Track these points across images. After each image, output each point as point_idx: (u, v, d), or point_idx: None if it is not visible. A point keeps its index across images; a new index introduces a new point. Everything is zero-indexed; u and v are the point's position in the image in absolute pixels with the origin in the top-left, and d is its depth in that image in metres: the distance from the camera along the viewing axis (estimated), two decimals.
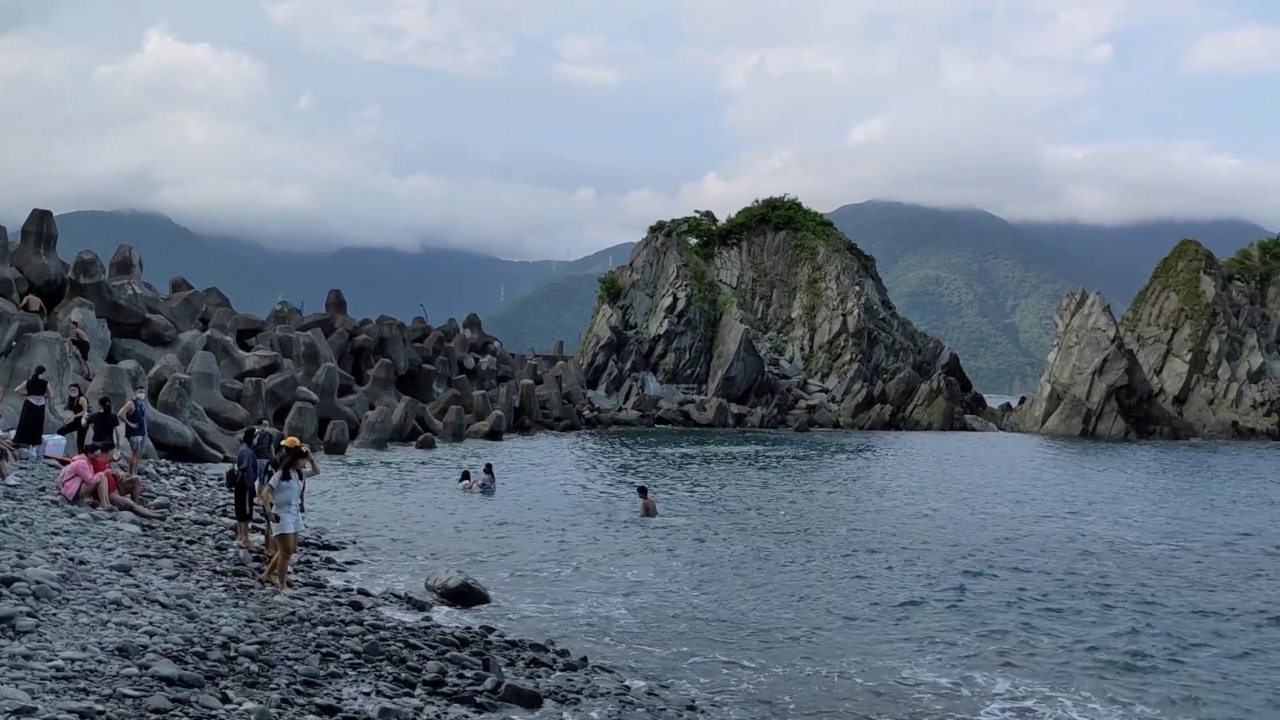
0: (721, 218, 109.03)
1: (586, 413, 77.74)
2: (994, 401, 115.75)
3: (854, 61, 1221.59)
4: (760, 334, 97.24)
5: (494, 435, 58.50)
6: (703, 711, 12.70)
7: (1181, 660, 15.80)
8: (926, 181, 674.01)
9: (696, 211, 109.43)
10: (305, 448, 17.62)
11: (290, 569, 17.17)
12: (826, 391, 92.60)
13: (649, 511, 28.83)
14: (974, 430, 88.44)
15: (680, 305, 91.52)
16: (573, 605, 18.25)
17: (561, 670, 13.74)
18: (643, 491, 30.05)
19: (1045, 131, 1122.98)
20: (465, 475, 34.37)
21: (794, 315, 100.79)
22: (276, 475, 16.67)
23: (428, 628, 15.23)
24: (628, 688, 13.25)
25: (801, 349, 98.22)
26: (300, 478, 16.91)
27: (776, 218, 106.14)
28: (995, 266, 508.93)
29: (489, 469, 34.38)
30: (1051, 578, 21.80)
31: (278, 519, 16.45)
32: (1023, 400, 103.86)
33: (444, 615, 16.80)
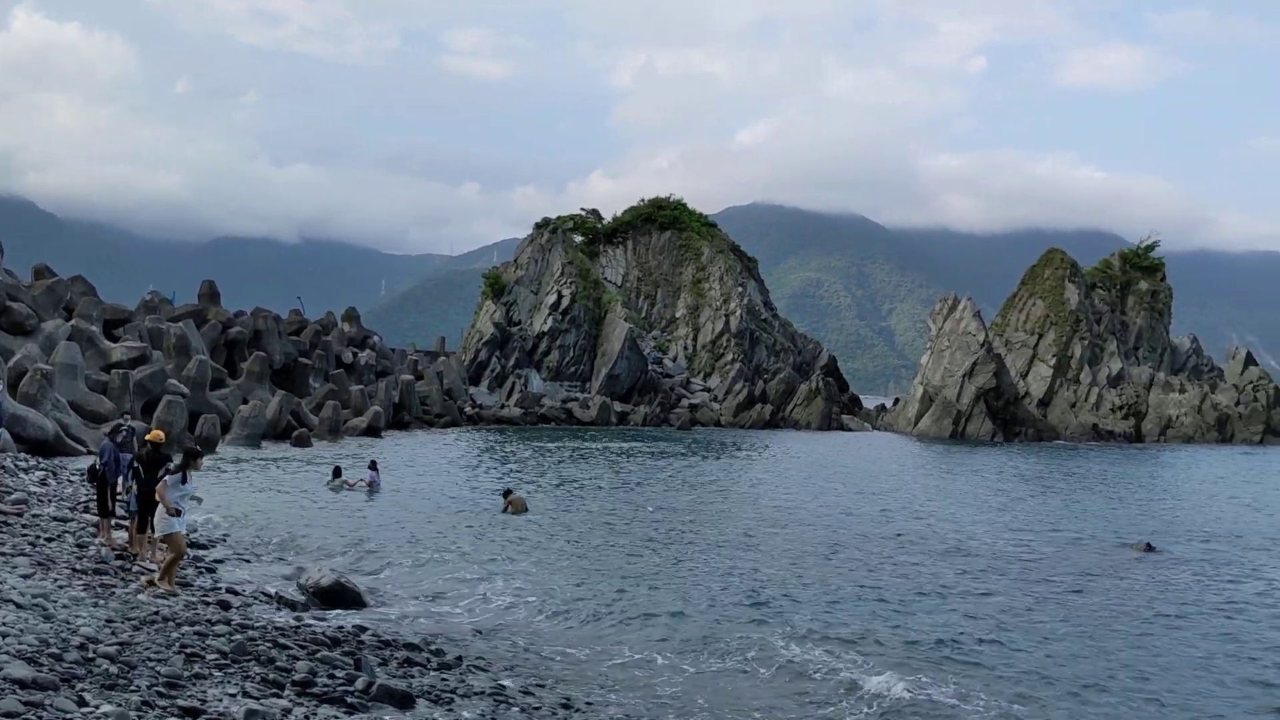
0: (607, 216, 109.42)
1: (468, 410, 77.11)
2: (870, 402, 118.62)
3: (741, 65, 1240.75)
4: (644, 333, 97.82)
5: (372, 431, 57.61)
6: (578, 710, 12.76)
7: (1008, 647, 16.48)
8: (808, 185, 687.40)
9: (582, 209, 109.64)
10: (198, 448, 17.60)
11: (157, 568, 16.77)
12: (709, 391, 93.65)
13: (517, 509, 29.00)
14: (850, 430, 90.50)
15: (565, 303, 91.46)
16: (448, 604, 18.14)
17: (436, 670, 13.65)
18: (507, 493, 30.15)
19: (922, 140, 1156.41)
20: (337, 472, 33.76)
21: (678, 315, 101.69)
22: (176, 476, 16.41)
23: (298, 627, 14.95)
24: (503, 686, 13.22)
25: (685, 348, 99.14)
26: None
27: (662, 217, 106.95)
28: (873, 270, 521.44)
29: (374, 465, 33.90)
30: (895, 572, 22.52)
31: (179, 513, 16.21)
32: (897, 401, 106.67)
33: (316, 615, 16.52)
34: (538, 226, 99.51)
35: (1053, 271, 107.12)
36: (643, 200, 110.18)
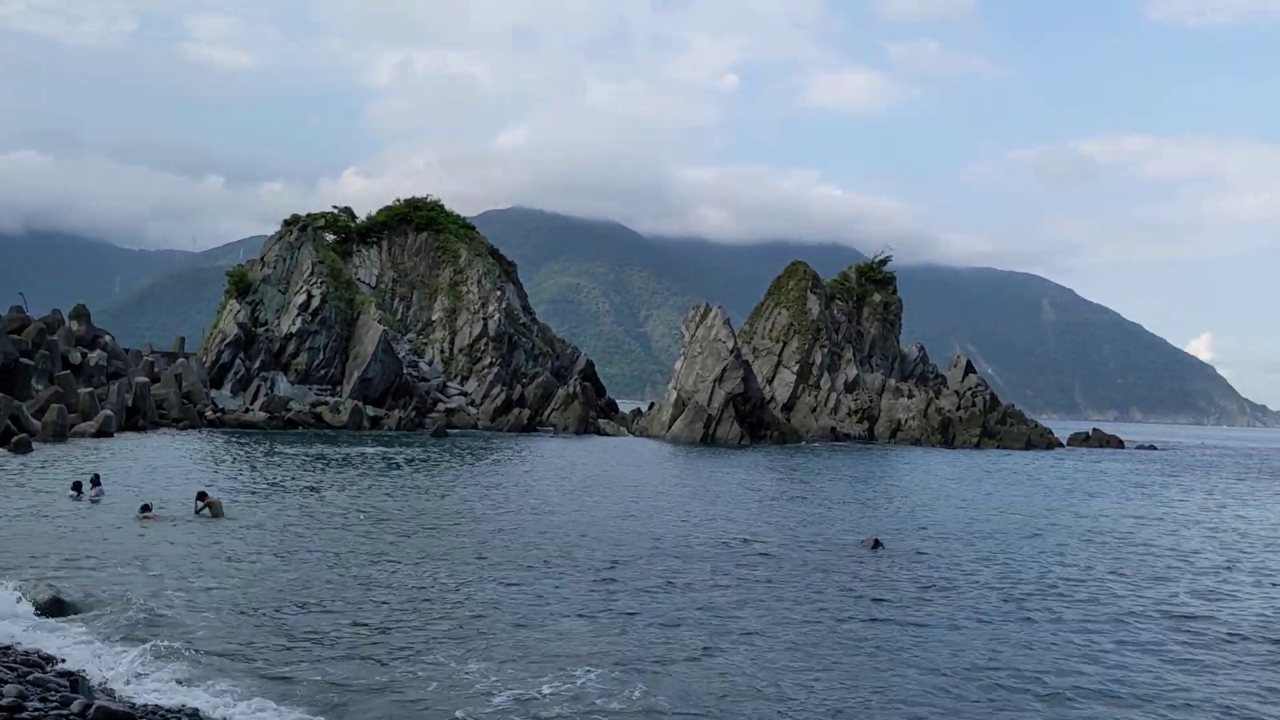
0: (361, 215, 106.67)
1: (209, 413, 73.35)
2: (627, 407, 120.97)
3: (500, 69, 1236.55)
4: (399, 335, 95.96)
5: (104, 434, 54.04)
6: None
7: (732, 641, 17.33)
8: (568, 192, 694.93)
9: (335, 207, 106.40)
10: None
11: None
12: (466, 395, 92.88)
13: (215, 511, 28.60)
14: (607, 434, 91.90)
15: (315, 303, 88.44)
16: (165, 616, 17.22)
17: (154, 687, 12.97)
18: (202, 495, 29.35)
19: (677, 152, 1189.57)
20: (76, 486, 31.58)
21: (434, 318, 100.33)
22: None
23: (8, 648, 13.85)
24: (222, 702, 12.73)
25: (442, 351, 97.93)
26: None
27: (418, 218, 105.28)
28: (630, 277, 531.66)
29: (96, 479, 31.90)
30: (631, 572, 23.21)
31: None
32: (652, 406, 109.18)
33: (28, 633, 15.33)
34: (287, 223, 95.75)
35: (796, 283, 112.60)
36: (398, 200, 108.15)
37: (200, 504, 28.92)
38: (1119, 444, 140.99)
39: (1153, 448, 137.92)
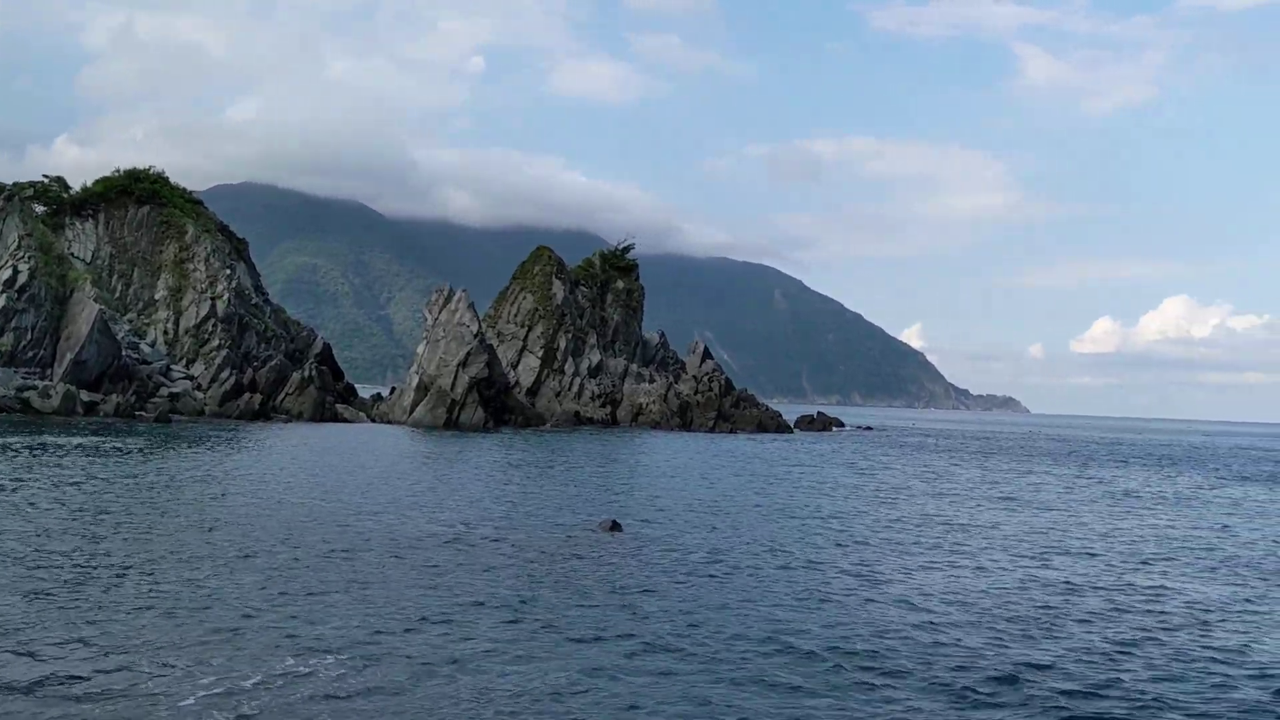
0: (75, 185, 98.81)
1: None
2: (368, 392, 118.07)
3: (233, 38, 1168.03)
4: (118, 315, 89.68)
5: None
6: None
7: (458, 629, 17.50)
8: (305, 169, 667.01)
9: (45, 176, 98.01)
10: None
11: None
12: (192, 379, 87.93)
13: None
14: (345, 420, 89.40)
15: (22, 279, 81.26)
16: None
17: None
18: None
19: (422, 133, 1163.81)
20: None
21: (158, 297, 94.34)
22: None
23: None
24: None
25: (165, 333, 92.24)
26: None
27: (140, 190, 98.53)
28: (372, 259, 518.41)
29: None
30: (327, 559, 22.95)
31: None
32: (393, 391, 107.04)
33: None
34: None
35: (541, 268, 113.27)
36: (118, 171, 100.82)
37: None
38: (840, 425, 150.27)
39: (869, 429, 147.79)
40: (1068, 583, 24.09)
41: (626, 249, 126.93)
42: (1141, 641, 18.44)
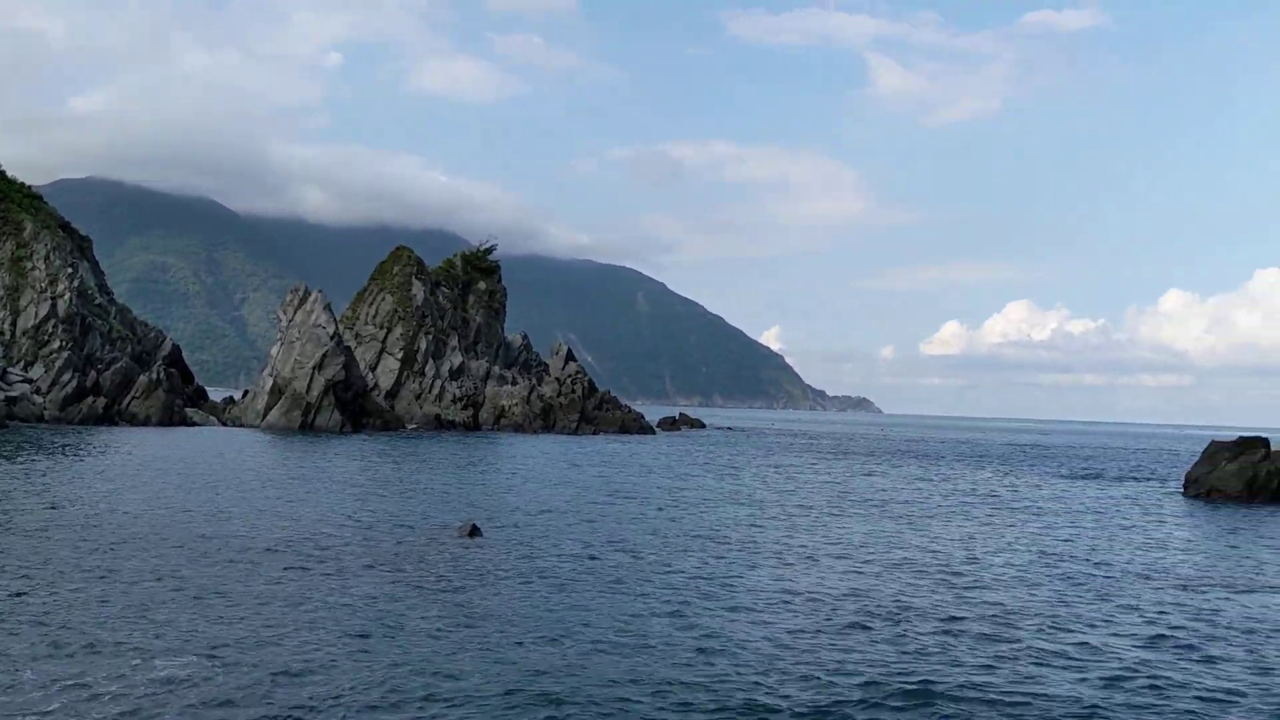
0: None
1: None
2: (221, 394, 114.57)
3: (76, 26, 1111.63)
4: None
5: None
6: None
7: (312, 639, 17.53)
8: (154, 164, 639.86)
9: None
10: None
11: None
12: (30, 382, 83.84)
13: None
14: (195, 424, 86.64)
15: None
16: None
17: None
18: None
19: (276, 128, 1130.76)
20: None
21: None
22: None
23: None
24: None
25: (1, 334, 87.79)
26: None
27: None
28: (225, 258, 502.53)
29: None
30: (190, 574, 22.62)
31: None
32: (246, 394, 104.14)
33: None
34: None
35: (401, 268, 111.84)
36: None
37: None
38: (702, 426, 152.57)
39: (730, 429, 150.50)
40: (899, 588, 25.24)
41: (488, 250, 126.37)
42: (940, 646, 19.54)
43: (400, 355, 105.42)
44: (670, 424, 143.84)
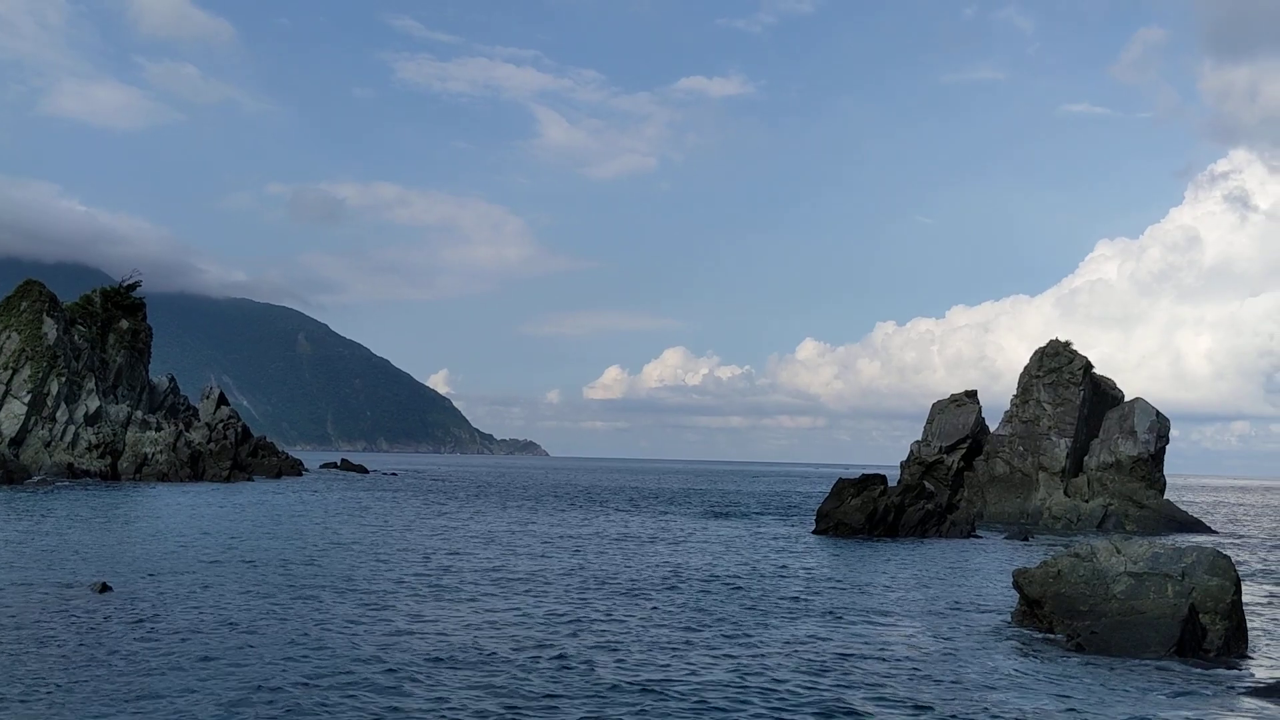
0: None
1: None
2: None
3: None
4: None
5: None
6: None
7: None
8: None
9: None
10: None
11: None
12: None
13: None
14: None
15: None
16: None
17: None
18: None
19: None
20: None
21: None
22: None
23: None
24: None
25: None
26: None
27: None
28: None
29: None
30: None
31: None
32: None
33: None
34: None
35: (30, 304, 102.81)
36: None
37: None
38: (364, 471, 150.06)
39: (394, 474, 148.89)
40: (519, 614, 26.86)
41: (132, 286, 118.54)
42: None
43: (28, 399, 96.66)
44: (331, 468, 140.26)
